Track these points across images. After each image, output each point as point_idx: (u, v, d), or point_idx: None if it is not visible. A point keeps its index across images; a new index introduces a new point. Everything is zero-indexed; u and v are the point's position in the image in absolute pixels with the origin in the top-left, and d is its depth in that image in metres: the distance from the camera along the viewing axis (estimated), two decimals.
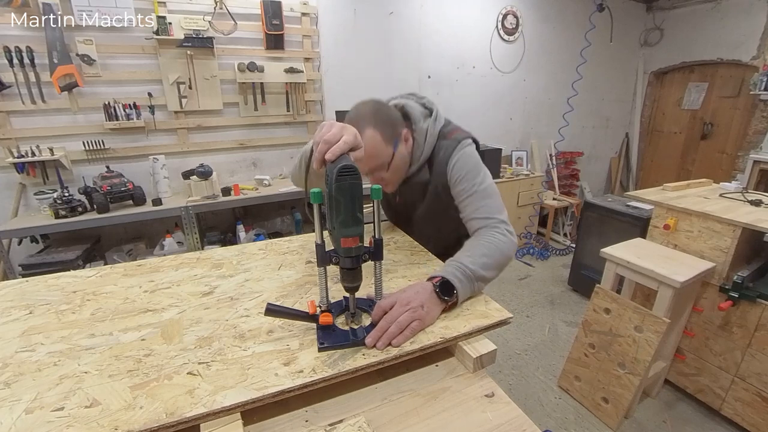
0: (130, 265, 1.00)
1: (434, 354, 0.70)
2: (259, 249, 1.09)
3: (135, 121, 2.38)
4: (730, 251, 1.70)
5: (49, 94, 2.20)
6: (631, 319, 1.71)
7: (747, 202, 1.88)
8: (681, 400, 2.00)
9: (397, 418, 0.58)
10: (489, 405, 0.61)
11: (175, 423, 0.51)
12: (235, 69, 2.58)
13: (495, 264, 0.85)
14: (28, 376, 0.60)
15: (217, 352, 0.65)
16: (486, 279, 0.83)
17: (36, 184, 2.29)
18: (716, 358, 1.83)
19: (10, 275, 2.10)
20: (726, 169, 4.12)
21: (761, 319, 1.64)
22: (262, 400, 0.56)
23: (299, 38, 2.76)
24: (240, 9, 2.51)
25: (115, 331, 0.71)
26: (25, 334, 0.71)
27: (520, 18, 3.66)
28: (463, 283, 0.77)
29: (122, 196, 2.22)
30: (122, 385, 0.57)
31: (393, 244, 1.12)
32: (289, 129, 2.93)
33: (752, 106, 3.81)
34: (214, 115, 2.66)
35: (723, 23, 3.89)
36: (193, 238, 2.36)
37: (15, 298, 0.84)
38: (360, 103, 0.97)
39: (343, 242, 0.63)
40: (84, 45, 2.20)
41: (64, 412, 0.53)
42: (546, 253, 3.79)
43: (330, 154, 0.64)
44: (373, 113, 0.93)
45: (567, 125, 3.69)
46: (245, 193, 2.51)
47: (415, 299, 0.71)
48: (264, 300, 0.81)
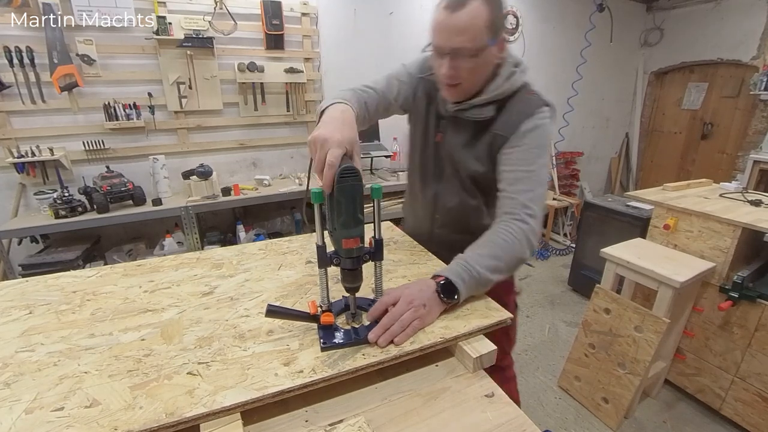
0: (130, 265, 1.00)
1: (434, 354, 0.70)
2: (259, 249, 1.09)
3: (135, 121, 2.38)
4: (730, 251, 1.70)
5: (49, 94, 2.20)
6: (631, 319, 1.71)
7: (747, 202, 1.88)
8: (681, 400, 2.00)
9: (397, 418, 0.58)
10: (489, 405, 0.61)
11: (174, 423, 0.51)
12: (235, 69, 2.58)
13: (505, 267, 0.81)
14: (28, 376, 0.60)
15: (217, 352, 0.65)
16: (492, 282, 0.80)
17: (36, 184, 2.29)
18: (716, 358, 1.82)
19: (10, 275, 2.10)
20: (726, 169, 4.12)
21: (761, 319, 1.64)
22: (262, 400, 0.56)
23: (299, 38, 2.76)
24: (240, 9, 2.51)
25: (115, 331, 0.71)
26: (25, 334, 0.71)
27: (520, 18, 3.66)
28: (467, 285, 0.75)
29: (122, 196, 2.22)
30: (122, 385, 0.57)
31: (393, 244, 1.12)
32: (289, 129, 2.93)
33: (752, 106, 3.80)
34: (214, 115, 2.66)
35: (723, 23, 3.89)
36: (193, 238, 2.36)
37: (15, 298, 0.84)
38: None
39: (344, 243, 0.63)
40: (84, 45, 2.20)
41: (63, 412, 0.53)
42: (546, 253, 3.79)
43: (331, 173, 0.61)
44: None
45: (567, 125, 3.70)
46: (245, 193, 2.51)
47: (418, 297, 0.70)
48: (264, 300, 0.81)
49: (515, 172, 0.87)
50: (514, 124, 0.88)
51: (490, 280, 0.78)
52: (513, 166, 0.87)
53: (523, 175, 0.86)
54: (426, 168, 1.07)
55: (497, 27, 0.84)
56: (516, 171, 0.87)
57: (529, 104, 0.89)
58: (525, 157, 0.87)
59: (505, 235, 0.83)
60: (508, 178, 0.88)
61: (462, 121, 0.95)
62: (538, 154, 0.87)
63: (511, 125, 0.88)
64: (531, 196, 0.85)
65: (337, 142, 0.63)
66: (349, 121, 0.71)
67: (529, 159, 0.87)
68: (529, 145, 0.87)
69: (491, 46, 0.84)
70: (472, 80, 0.88)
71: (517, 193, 0.86)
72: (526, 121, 0.87)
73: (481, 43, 0.81)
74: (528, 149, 0.87)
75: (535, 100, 0.90)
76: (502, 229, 0.84)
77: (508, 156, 0.89)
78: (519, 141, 0.87)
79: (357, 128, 0.76)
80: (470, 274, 0.75)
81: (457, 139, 0.98)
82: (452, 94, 0.91)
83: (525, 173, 0.86)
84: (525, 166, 0.87)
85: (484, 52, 0.83)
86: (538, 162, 0.87)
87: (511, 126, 0.88)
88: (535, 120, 0.87)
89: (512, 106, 0.90)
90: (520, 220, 0.84)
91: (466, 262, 0.77)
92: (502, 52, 0.89)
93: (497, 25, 0.83)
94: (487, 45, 0.83)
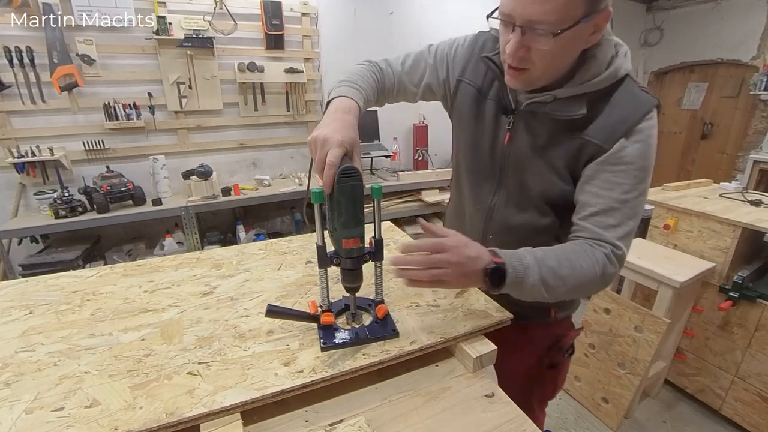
0: (129, 265, 1.00)
1: (434, 354, 0.70)
2: (259, 249, 1.09)
3: (135, 121, 2.38)
4: (730, 251, 1.70)
5: (49, 94, 2.20)
6: (631, 319, 1.71)
7: (747, 202, 1.88)
8: (681, 400, 2.00)
9: (397, 418, 0.58)
10: (489, 405, 0.61)
11: (175, 423, 0.51)
12: (235, 69, 2.58)
13: (564, 291, 0.65)
14: (28, 376, 0.60)
15: (217, 352, 0.65)
16: (541, 299, 0.66)
17: (36, 184, 2.29)
18: (716, 358, 1.82)
19: (10, 275, 2.10)
20: (726, 169, 4.12)
21: (761, 319, 1.64)
22: (262, 400, 0.56)
23: (299, 38, 2.76)
24: (240, 9, 2.51)
25: (115, 331, 0.71)
26: (25, 334, 0.71)
27: None
28: (518, 284, 0.63)
29: (122, 196, 2.22)
30: (122, 385, 0.57)
31: (393, 244, 1.12)
32: (289, 129, 2.93)
33: (752, 106, 3.81)
34: (214, 115, 2.66)
35: (723, 23, 3.89)
36: (193, 238, 2.36)
37: (15, 298, 0.84)
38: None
39: (345, 243, 0.63)
40: (84, 45, 2.20)
41: (64, 412, 0.53)
42: None
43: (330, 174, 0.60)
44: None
45: None
46: (245, 193, 2.51)
47: (465, 263, 0.60)
48: (264, 300, 0.81)
49: (607, 198, 0.67)
50: (615, 132, 0.66)
51: (543, 295, 0.65)
52: (605, 191, 0.67)
53: (617, 205, 0.66)
54: (482, 174, 0.85)
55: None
56: (608, 198, 0.67)
57: (637, 104, 0.67)
58: (623, 180, 0.66)
59: (585, 259, 0.66)
60: (596, 205, 0.68)
61: (539, 117, 0.72)
62: (641, 177, 0.67)
63: (610, 132, 0.67)
64: (623, 233, 0.67)
65: (337, 142, 0.62)
66: (351, 122, 0.69)
67: (629, 184, 0.66)
68: (633, 165, 0.66)
69: (585, 22, 0.59)
70: (546, 67, 0.65)
71: (605, 229, 0.67)
72: (632, 130, 0.66)
73: (570, 18, 0.58)
74: (629, 170, 0.66)
75: (644, 99, 0.68)
76: (583, 249, 0.67)
77: (600, 174, 0.68)
78: (619, 157, 0.66)
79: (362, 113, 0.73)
80: (527, 274, 0.63)
81: (529, 141, 0.75)
82: (516, 80, 0.69)
83: (620, 203, 0.66)
84: (621, 193, 0.66)
85: (573, 30, 0.59)
86: (639, 188, 0.67)
87: (612, 134, 0.66)
88: (644, 128, 0.66)
89: (613, 104, 0.68)
90: (606, 255, 0.67)
91: (535, 260, 0.64)
92: (599, 31, 0.64)
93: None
94: (580, 20, 0.58)
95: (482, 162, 0.84)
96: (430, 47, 0.89)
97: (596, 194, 0.68)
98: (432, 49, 0.88)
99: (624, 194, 0.67)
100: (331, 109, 0.72)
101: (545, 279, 0.63)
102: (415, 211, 2.89)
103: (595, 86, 0.67)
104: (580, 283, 0.66)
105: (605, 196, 0.67)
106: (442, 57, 0.86)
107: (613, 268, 0.67)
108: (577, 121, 0.69)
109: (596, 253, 0.67)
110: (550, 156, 0.73)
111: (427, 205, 2.86)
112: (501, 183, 0.82)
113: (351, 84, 0.78)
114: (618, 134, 0.66)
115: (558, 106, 0.70)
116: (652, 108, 0.67)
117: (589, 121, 0.68)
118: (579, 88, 0.67)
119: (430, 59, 0.87)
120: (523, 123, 0.76)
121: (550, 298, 0.66)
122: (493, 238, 0.86)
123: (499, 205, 0.83)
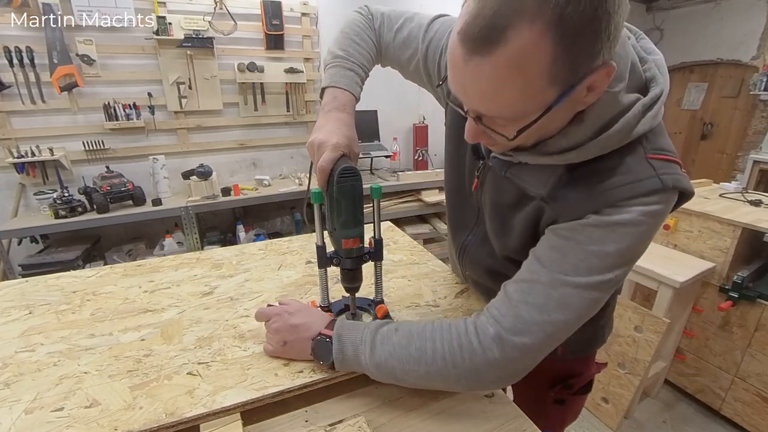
0: (129, 265, 1.00)
1: None
2: (259, 249, 1.09)
3: (135, 121, 2.37)
4: (730, 251, 1.70)
5: (49, 94, 2.20)
6: (631, 319, 1.71)
7: (747, 202, 1.88)
8: (681, 400, 2.00)
9: (397, 418, 0.58)
10: (489, 405, 0.61)
11: (174, 423, 0.51)
12: (235, 69, 2.57)
13: (414, 378, 0.56)
14: (27, 377, 0.60)
15: (216, 352, 0.65)
16: (392, 381, 0.58)
17: (36, 184, 2.29)
18: (716, 358, 1.83)
19: (10, 275, 2.10)
20: (726, 169, 4.12)
21: (761, 319, 1.64)
22: (262, 400, 0.56)
23: (299, 38, 2.76)
24: (240, 9, 2.51)
25: (115, 332, 0.71)
26: (25, 334, 0.71)
27: None
28: (347, 362, 0.58)
29: (122, 196, 2.22)
30: (122, 385, 0.57)
31: (393, 244, 1.12)
32: (289, 129, 2.93)
33: (752, 107, 3.81)
34: (214, 115, 2.65)
35: (723, 23, 3.89)
36: (193, 239, 2.36)
37: (15, 298, 0.84)
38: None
39: (344, 243, 0.63)
40: (84, 45, 2.20)
41: (63, 412, 0.53)
42: None
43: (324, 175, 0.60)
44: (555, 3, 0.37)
45: None
46: (245, 193, 2.51)
47: (287, 332, 0.62)
48: (264, 300, 0.81)
49: (534, 272, 0.53)
50: (577, 206, 0.51)
51: (392, 379, 0.58)
52: (539, 259, 0.53)
53: (539, 285, 0.52)
54: (456, 210, 0.77)
55: (577, 63, 0.41)
56: (537, 270, 0.53)
57: (635, 185, 0.48)
58: (566, 258, 0.51)
59: (451, 340, 0.54)
60: (522, 269, 0.55)
61: (524, 165, 0.57)
62: (604, 264, 0.50)
63: (572, 205, 0.51)
64: (515, 314, 0.52)
65: (332, 146, 0.61)
66: (346, 121, 0.67)
67: (571, 264, 0.50)
68: (595, 248, 0.49)
69: (568, 97, 0.43)
70: (522, 142, 0.50)
71: (515, 303, 0.53)
72: (614, 210, 0.49)
73: (536, 107, 0.44)
74: (589, 252, 0.50)
75: (643, 174, 0.49)
76: (457, 326, 0.56)
77: (548, 239, 0.54)
78: (575, 232, 0.51)
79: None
80: (356, 354, 0.57)
81: (492, 196, 0.65)
82: (495, 148, 0.56)
83: (543, 285, 0.51)
84: (555, 272, 0.51)
85: (548, 116, 0.44)
86: (590, 280, 0.50)
87: (571, 208, 0.51)
88: (623, 214, 0.48)
89: (607, 173, 0.50)
90: (471, 323, 0.55)
91: (373, 338, 0.57)
92: (598, 92, 0.44)
93: (576, 59, 0.40)
94: (552, 105, 0.43)
95: (456, 197, 0.76)
96: (429, 28, 0.72)
97: (529, 261, 0.55)
98: (429, 33, 0.72)
99: (569, 277, 0.50)
100: (326, 105, 0.69)
101: (386, 361, 0.56)
102: (415, 211, 2.89)
103: (571, 159, 0.50)
104: (443, 359, 0.54)
105: (535, 270, 0.53)
106: (433, 53, 0.71)
107: (474, 342, 0.53)
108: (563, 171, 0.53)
109: (460, 325, 0.55)
110: (512, 218, 0.62)
111: (426, 205, 2.87)
112: (472, 223, 0.74)
113: (346, 61, 0.71)
114: (579, 210, 0.50)
115: (523, 172, 0.56)
116: (652, 190, 0.48)
117: (558, 190, 0.53)
118: (549, 158, 0.52)
119: (422, 45, 0.72)
120: (491, 173, 0.64)
121: (404, 384, 0.58)
122: (469, 274, 0.80)
123: (469, 245, 0.75)
